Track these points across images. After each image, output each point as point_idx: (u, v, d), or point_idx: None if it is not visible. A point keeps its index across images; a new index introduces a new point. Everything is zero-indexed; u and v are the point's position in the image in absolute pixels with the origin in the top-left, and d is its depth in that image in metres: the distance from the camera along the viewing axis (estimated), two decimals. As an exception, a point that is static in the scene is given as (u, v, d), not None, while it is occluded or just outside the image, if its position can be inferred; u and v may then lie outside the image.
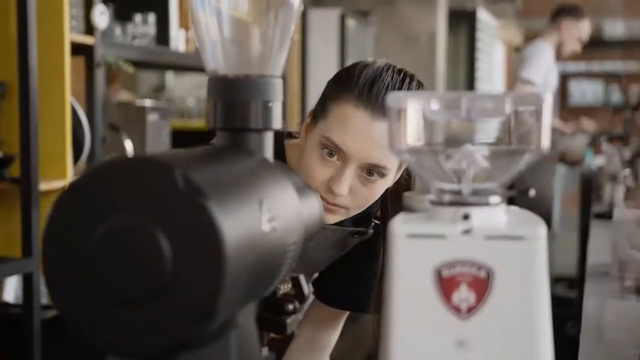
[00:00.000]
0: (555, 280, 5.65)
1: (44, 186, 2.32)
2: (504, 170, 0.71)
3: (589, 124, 5.08)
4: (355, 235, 1.40)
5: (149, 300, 0.60)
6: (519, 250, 0.66)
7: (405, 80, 1.26)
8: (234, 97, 0.79)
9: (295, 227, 0.75)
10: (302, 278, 0.87)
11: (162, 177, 0.60)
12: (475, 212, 0.68)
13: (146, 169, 0.61)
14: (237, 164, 0.72)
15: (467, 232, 0.67)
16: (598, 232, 2.65)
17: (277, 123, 0.81)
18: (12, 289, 2.52)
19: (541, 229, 0.68)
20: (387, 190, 1.30)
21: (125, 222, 0.61)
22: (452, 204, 0.69)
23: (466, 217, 0.68)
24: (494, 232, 0.67)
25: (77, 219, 0.62)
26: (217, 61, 0.81)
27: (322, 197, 1.26)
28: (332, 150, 1.24)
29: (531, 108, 0.68)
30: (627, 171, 3.09)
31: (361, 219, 1.38)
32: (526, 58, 4.48)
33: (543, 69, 4.41)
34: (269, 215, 0.69)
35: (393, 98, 0.70)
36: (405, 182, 1.35)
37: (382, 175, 1.24)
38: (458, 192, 0.70)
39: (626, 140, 4.66)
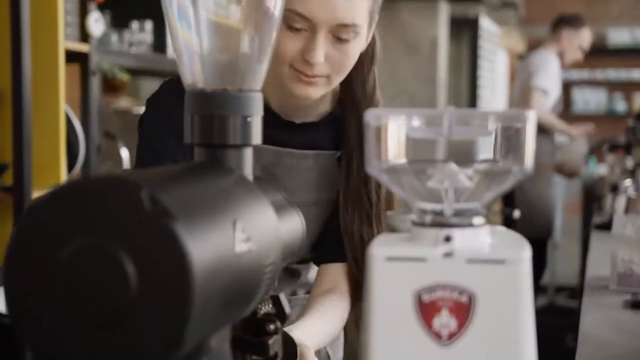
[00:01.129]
0: (556, 290, 5.62)
1: (37, 195, 2.30)
2: (488, 190, 0.68)
3: (591, 130, 5.10)
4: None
5: (114, 325, 0.58)
6: (501, 274, 0.64)
7: None
8: (212, 111, 0.77)
9: (272, 247, 0.72)
10: (282, 297, 0.84)
11: (128, 197, 0.58)
12: (458, 234, 0.66)
13: (112, 189, 0.59)
14: (212, 182, 0.69)
15: (448, 255, 0.65)
16: (598, 244, 2.62)
17: (256, 138, 0.79)
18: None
19: (525, 252, 0.66)
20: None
21: (90, 244, 0.58)
22: (433, 225, 0.67)
23: (448, 239, 0.66)
24: (476, 256, 0.64)
25: (41, 240, 0.60)
26: (195, 74, 0.79)
27: (299, 72, 1.24)
28: (297, 23, 1.21)
29: (516, 126, 0.66)
30: (628, 181, 3.07)
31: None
32: (536, 67, 4.47)
33: (552, 77, 4.42)
34: (243, 236, 0.66)
35: (372, 115, 0.68)
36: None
37: (355, 34, 1.22)
38: (440, 213, 0.68)
39: (629, 149, 4.63)
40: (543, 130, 4.47)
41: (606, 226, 2.84)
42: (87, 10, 2.54)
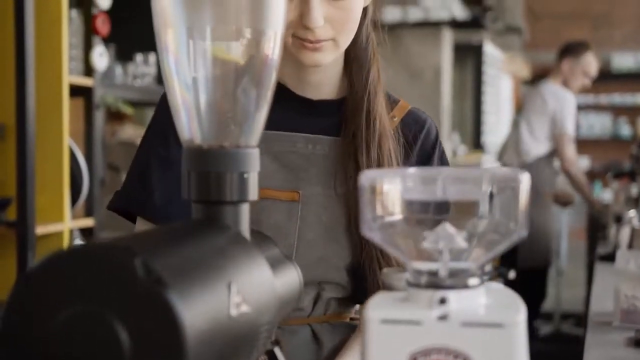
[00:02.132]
0: (562, 317, 5.59)
1: (40, 230, 2.31)
2: (484, 251, 0.68)
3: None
4: None
5: (108, 393, 0.58)
6: (497, 338, 0.64)
7: None
8: (209, 168, 0.77)
9: (268, 306, 0.72)
10: (277, 351, 0.84)
11: (123, 265, 0.58)
12: (453, 296, 0.66)
13: (107, 257, 0.59)
14: (207, 243, 0.70)
15: (443, 318, 0.65)
16: (602, 276, 2.61)
17: (253, 194, 0.79)
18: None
19: (520, 314, 0.65)
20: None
21: (85, 311, 0.58)
22: (428, 286, 0.67)
23: (443, 301, 0.66)
24: (472, 319, 0.64)
25: (36, 306, 0.60)
26: (192, 131, 0.79)
27: (302, 40, 1.17)
28: None
29: (510, 186, 0.66)
30: (632, 212, 3.05)
31: None
32: (561, 109, 4.43)
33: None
34: (238, 298, 0.66)
35: (366, 177, 0.68)
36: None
37: None
38: (435, 273, 0.68)
39: (633, 177, 4.61)
40: (544, 157, 4.46)
41: (610, 257, 2.83)
42: (91, 44, 2.55)
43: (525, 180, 0.66)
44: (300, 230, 1.22)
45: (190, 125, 0.79)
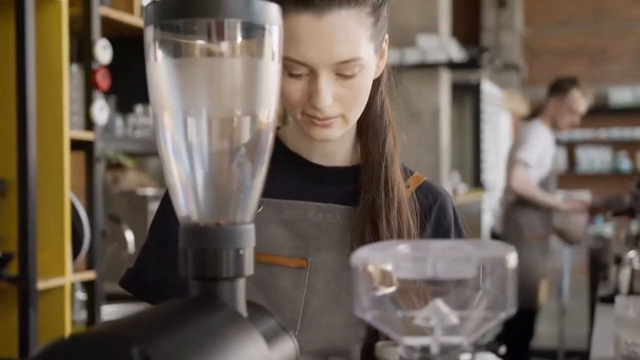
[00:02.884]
0: (566, 356, 5.56)
1: (42, 285, 2.32)
2: (475, 327, 0.70)
3: (586, 202, 5.05)
4: None
5: None
6: (488, 416, 0.65)
7: None
8: (206, 246, 0.79)
9: (265, 383, 0.73)
10: None
11: (119, 355, 0.59)
12: (445, 373, 0.67)
13: (103, 346, 0.60)
14: (203, 324, 0.71)
15: (435, 395, 0.66)
16: (603, 320, 2.61)
17: (249, 269, 0.81)
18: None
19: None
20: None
21: (84, 399, 0.60)
22: (421, 363, 0.68)
23: (435, 378, 0.67)
24: (463, 396, 0.65)
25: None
26: (188, 208, 0.81)
27: (311, 118, 1.17)
28: (295, 69, 1.14)
29: (499, 267, 0.68)
30: (632, 253, 3.05)
31: None
32: (522, 139, 4.55)
33: (538, 150, 4.46)
34: (234, 379, 0.67)
35: (358, 257, 0.70)
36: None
37: (359, 67, 1.14)
38: (427, 349, 0.69)
39: (634, 214, 4.62)
40: (527, 200, 4.49)
41: (611, 299, 2.83)
42: (92, 98, 2.58)
43: (512, 259, 0.67)
44: (306, 297, 1.22)
45: (187, 203, 0.81)
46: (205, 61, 0.79)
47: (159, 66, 0.78)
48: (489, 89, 7.64)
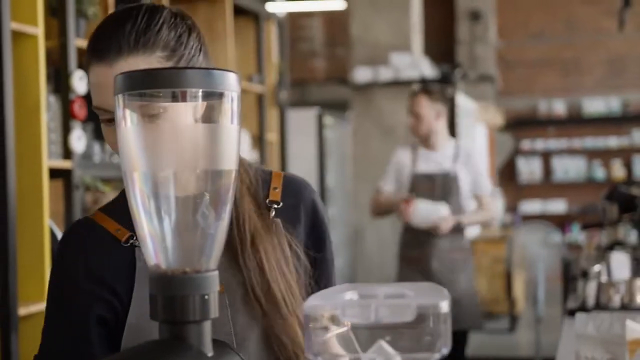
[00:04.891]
0: (542, 366, 5.65)
1: (23, 311, 2.38)
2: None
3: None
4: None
5: None
6: None
7: (130, 15, 1.18)
8: (174, 292, 0.87)
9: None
10: None
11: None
12: (388, 409, 0.75)
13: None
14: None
15: None
16: (569, 332, 2.68)
17: (214, 312, 0.88)
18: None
19: None
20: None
21: None
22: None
23: (379, 414, 0.75)
24: None
25: None
26: (158, 257, 0.89)
27: None
28: (103, 115, 1.18)
29: (432, 312, 0.76)
30: (597, 267, 3.13)
31: None
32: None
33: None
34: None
35: (309, 306, 0.77)
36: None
37: (162, 109, 1.08)
38: (373, 387, 0.77)
39: (602, 226, 4.73)
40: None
41: (578, 311, 2.92)
42: (69, 127, 2.65)
43: (444, 307, 0.76)
44: (232, 317, 1.26)
45: (155, 253, 0.89)
46: (169, 127, 0.87)
47: (128, 130, 0.86)
48: (464, 103, 7.75)
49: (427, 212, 3.92)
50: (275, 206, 1.29)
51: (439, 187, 4.08)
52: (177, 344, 0.84)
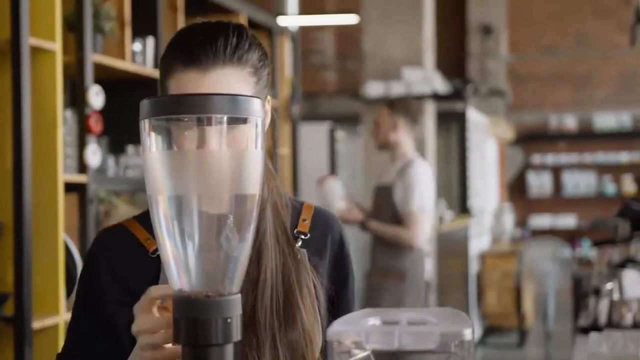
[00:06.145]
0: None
1: (37, 324, 2.39)
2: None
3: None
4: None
5: None
6: None
7: (221, 28, 1.21)
8: (196, 316, 0.87)
9: None
10: None
11: None
12: None
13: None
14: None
15: None
16: (582, 351, 2.67)
17: (236, 335, 0.89)
18: None
19: None
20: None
21: None
22: None
23: None
24: None
25: None
26: (181, 282, 0.90)
27: None
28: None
29: (456, 341, 0.76)
30: (609, 285, 3.12)
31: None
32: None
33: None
34: None
35: (332, 331, 0.78)
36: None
37: (244, 121, 1.16)
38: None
39: (614, 242, 4.71)
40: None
41: (590, 330, 2.91)
42: (85, 142, 2.67)
43: (468, 334, 0.76)
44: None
45: (179, 277, 0.90)
46: (195, 152, 0.88)
47: (154, 156, 0.87)
48: (474, 117, 7.76)
49: (334, 191, 3.85)
50: (302, 237, 1.30)
51: (377, 199, 3.97)
52: (200, 367, 0.85)
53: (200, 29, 1.21)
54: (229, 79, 1.18)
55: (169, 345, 0.99)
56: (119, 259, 1.26)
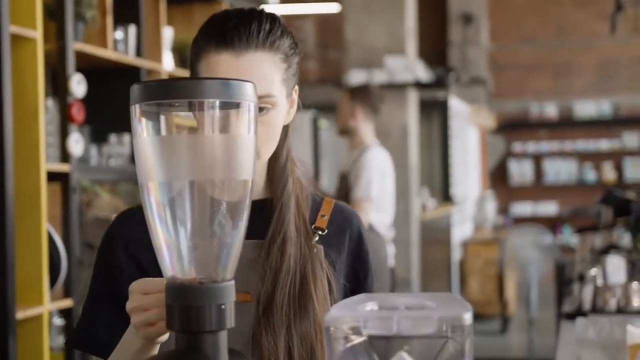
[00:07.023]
0: (535, 367, 5.67)
1: (20, 314, 2.36)
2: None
3: None
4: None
5: None
6: None
7: (254, 14, 1.23)
8: (190, 303, 0.86)
9: None
10: None
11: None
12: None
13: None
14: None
15: None
16: (567, 336, 2.68)
17: (230, 322, 0.88)
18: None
19: None
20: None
21: None
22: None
23: None
24: None
25: None
26: (174, 268, 0.89)
27: None
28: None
29: (455, 324, 0.76)
30: (594, 270, 3.14)
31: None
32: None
33: None
34: None
35: (330, 317, 0.77)
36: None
37: (273, 105, 1.21)
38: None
39: (596, 229, 4.74)
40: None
41: (575, 315, 2.92)
42: (67, 131, 2.64)
43: (467, 319, 0.75)
44: (253, 328, 1.23)
45: (172, 264, 0.89)
46: (186, 137, 0.86)
47: (145, 141, 0.86)
48: (456, 105, 7.77)
49: None
50: (320, 233, 1.30)
51: (339, 186, 3.99)
52: (192, 354, 0.84)
53: (234, 13, 1.23)
54: (261, 63, 1.20)
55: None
56: (134, 238, 1.26)
